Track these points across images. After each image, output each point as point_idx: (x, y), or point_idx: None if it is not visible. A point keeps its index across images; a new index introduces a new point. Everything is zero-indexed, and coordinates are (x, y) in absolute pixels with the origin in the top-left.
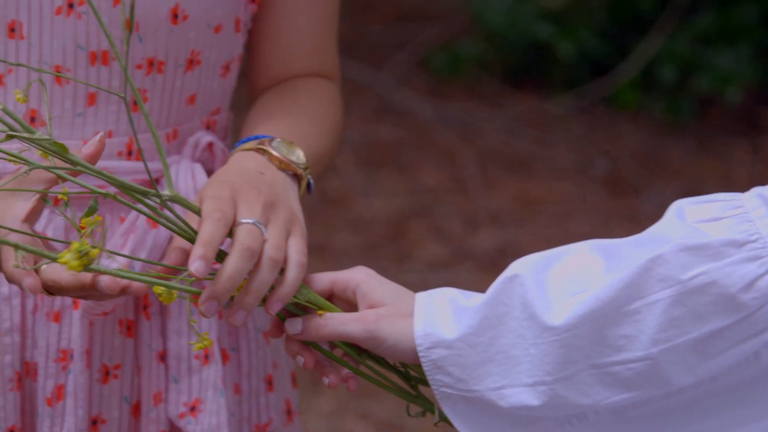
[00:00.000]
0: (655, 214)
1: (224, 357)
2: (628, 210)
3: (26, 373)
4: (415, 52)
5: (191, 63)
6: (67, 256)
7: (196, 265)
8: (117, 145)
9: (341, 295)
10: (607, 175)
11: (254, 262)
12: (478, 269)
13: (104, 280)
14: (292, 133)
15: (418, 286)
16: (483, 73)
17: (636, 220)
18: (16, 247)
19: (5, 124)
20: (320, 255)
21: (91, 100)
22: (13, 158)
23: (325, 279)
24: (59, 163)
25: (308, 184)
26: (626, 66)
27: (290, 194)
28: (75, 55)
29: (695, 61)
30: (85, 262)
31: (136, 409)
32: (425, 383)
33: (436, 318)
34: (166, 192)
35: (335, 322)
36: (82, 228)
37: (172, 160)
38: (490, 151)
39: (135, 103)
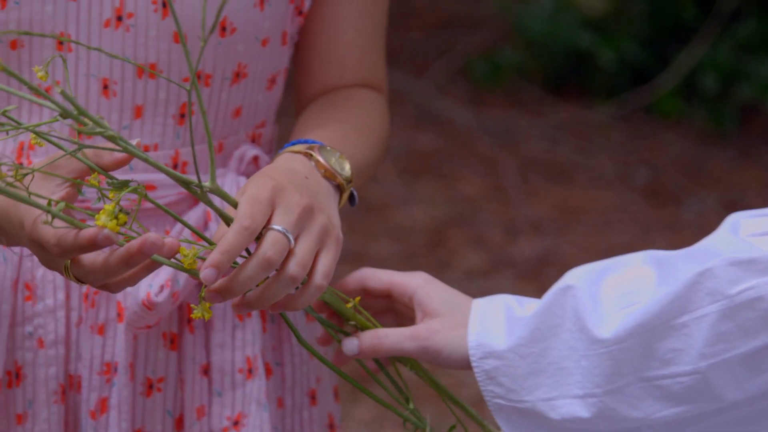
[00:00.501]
0: (696, 224)
1: (268, 371)
2: (669, 219)
3: (70, 386)
4: (455, 60)
5: (238, 76)
6: (103, 218)
7: (206, 273)
8: (163, 158)
9: (399, 298)
10: (648, 184)
11: (271, 272)
12: (518, 278)
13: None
14: (340, 142)
15: None
16: (523, 81)
17: (677, 230)
18: (50, 211)
19: (61, 108)
20: (359, 263)
21: (138, 113)
22: (47, 140)
23: (384, 278)
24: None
25: (351, 197)
26: (668, 74)
27: (331, 203)
28: (122, 68)
29: (737, 69)
30: (123, 220)
31: (179, 423)
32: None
33: (489, 328)
34: (207, 183)
35: (390, 341)
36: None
37: (218, 173)
38: (531, 160)
39: (182, 116)
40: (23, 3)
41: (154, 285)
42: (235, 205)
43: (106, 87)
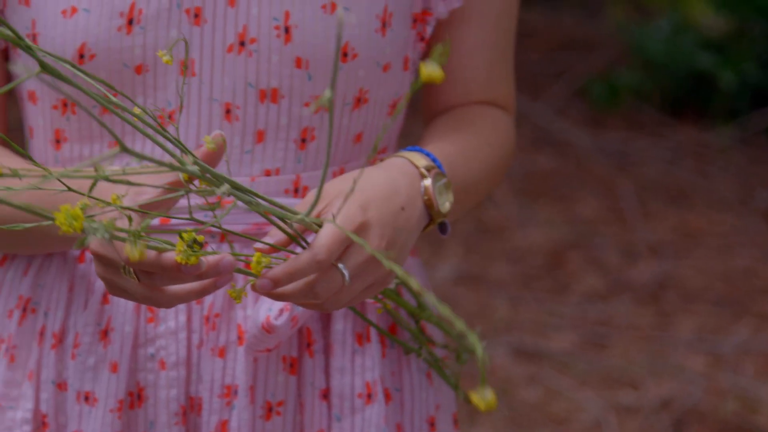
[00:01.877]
0: None
1: (387, 397)
2: None
3: (191, 408)
4: (573, 81)
5: (359, 101)
6: (181, 251)
7: (262, 283)
8: (284, 182)
9: None
10: None
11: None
12: (636, 302)
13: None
14: (458, 157)
15: (574, 318)
16: (642, 102)
17: None
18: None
19: (169, 152)
20: (475, 285)
21: (260, 137)
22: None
23: None
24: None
25: (444, 225)
26: None
27: (410, 240)
28: (245, 93)
29: None
30: (198, 248)
31: None
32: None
33: None
34: (301, 215)
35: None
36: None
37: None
38: (649, 182)
39: (303, 140)
40: (148, 28)
41: (274, 308)
42: (315, 229)
43: (228, 111)
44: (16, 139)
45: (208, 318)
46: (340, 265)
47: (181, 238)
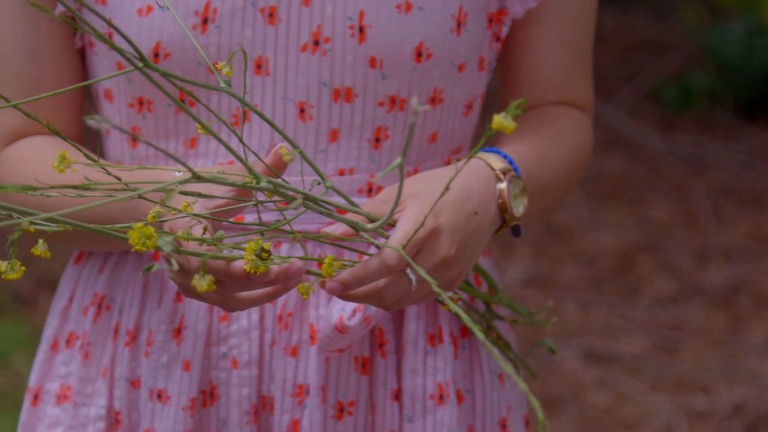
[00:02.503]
0: None
1: (459, 398)
2: None
3: (263, 407)
4: (644, 83)
5: (433, 101)
6: (250, 258)
7: (332, 286)
8: (358, 182)
9: None
10: None
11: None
12: (709, 306)
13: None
14: (535, 159)
15: (645, 322)
16: (715, 105)
17: None
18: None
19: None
20: (545, 287)
21: (334, 136)
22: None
23: None
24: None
25: (517, 229)
26: None
27: (480, 246)
28: (319, 92)
29: None
30: (266, 256)
31: None
32: None
33: None
34: (371, 225)
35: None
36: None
37: None
38: (723, 186)
39: (377, 140)
40: (223, 27)
41: (347, 309)
42: (386, 235)
43: (302, 111)
44: (91, 138)
45: (280, 317)
46: (409, 272)
47: (246, 248)
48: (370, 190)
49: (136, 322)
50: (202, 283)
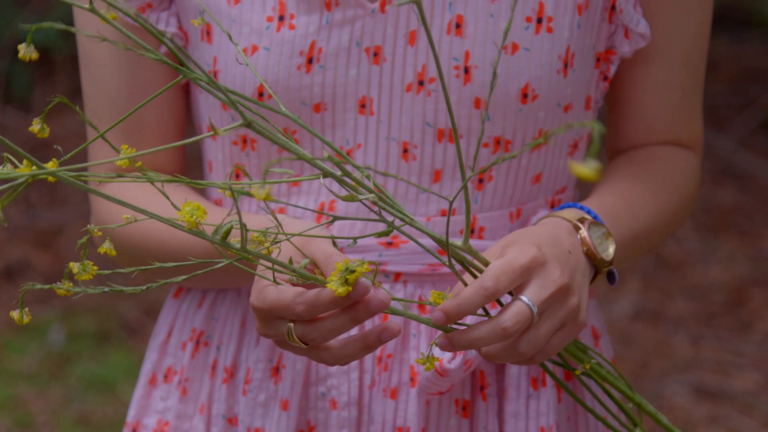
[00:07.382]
0: None
1: None
2: None
3: None
4: (758, 113)
5: None
6: (334, 282)
7: (436, 315)
8: (460, 223)
9: None
10: None
11: (504, 341)
12: None
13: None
14: (625, 209)
15: (758, 358)
16: None
17: None
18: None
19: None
20: (654, 321)
21: (437, 177)
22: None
23: None
24: None
25: (612, 275)
26: None
27: (585, 283)
28: (423, 132)
29: None
30: (352, 280)
31: None
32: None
33: None
34: (459, 242)
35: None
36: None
37: None
38: None
39: (480, 181)
40: (328, 67)
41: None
42: (484, 262)
43: (406, 151)
44: (190, 173)
45: (380, 358)
46: (524, 298)
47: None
48: (473, 231)
49: (234, 359)
50: (338, 284)
